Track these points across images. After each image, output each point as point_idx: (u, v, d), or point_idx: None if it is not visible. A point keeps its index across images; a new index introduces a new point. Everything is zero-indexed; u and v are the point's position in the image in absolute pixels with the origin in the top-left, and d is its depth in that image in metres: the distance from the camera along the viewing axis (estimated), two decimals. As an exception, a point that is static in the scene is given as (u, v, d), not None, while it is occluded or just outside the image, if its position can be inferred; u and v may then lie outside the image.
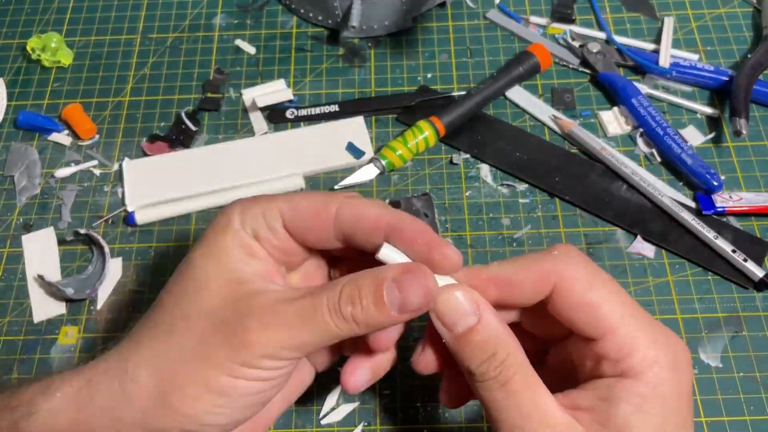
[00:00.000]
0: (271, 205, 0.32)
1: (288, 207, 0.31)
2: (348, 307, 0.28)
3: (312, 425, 0.43)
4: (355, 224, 0.31)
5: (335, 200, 0.31)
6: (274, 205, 0.31)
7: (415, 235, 0.30)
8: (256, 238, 0.31)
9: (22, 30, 0.62)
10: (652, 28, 0.59)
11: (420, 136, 0.52)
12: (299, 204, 0.32)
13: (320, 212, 0.31)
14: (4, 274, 0.50)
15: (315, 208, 0.31)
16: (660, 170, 0.51)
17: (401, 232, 0.30)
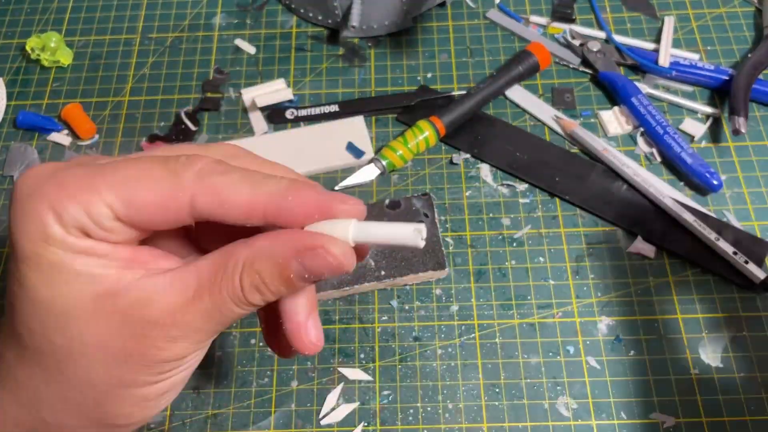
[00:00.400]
0: (92, 198, 0.24)
1: (120, 200, 0.24)
2: (255, 296, 0.25)
3: (312, 425, 0.43)
4: (219, 214, 0.25)
5: (186, 183, 0.25)
6: (96, 198, 0.24)
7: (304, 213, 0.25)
8: (87, 235, 0.25)
9: (22, 30, 0.62)
10: (652, 27, 0.59)
11: (420, 136, 0.52)
12: (136, 194, 0.24)
13: (167, 205, 0.25)
14: (3, 274, 0.50)
15: (158, 201, 0.25)
16: (660, 170, 0.51)
17: (286, 215, 0.25)
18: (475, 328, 0.46)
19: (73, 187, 0.24)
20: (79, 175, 0.25)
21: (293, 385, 0.45)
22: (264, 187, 0.25)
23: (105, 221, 0.24)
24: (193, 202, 0.25)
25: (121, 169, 0.25)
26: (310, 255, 0.25)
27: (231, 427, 0.43)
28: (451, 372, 0.45)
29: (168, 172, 0.25)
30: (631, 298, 0.47)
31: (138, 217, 0.25)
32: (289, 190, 0.25)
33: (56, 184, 0.24)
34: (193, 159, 0.25)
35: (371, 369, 0.45)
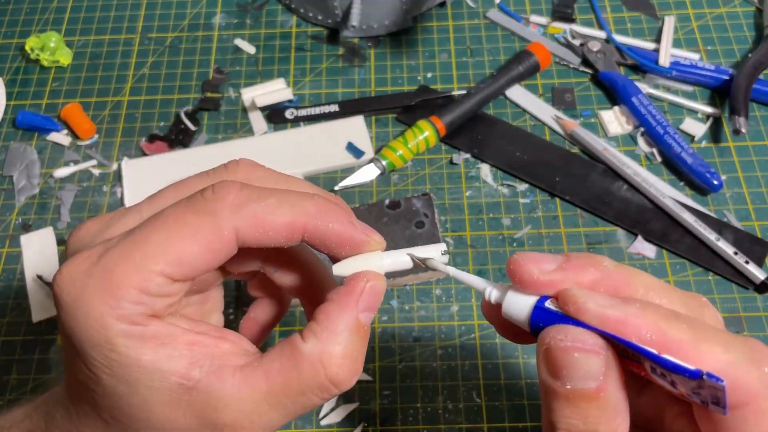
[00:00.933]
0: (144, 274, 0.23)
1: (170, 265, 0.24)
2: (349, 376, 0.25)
3: (312, 425, 0.43)
4: (264, 240, 0.25)
5: (227, 219, 0.24)
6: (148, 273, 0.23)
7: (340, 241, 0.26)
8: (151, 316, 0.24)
9: (21, 29, 0.62)
10: (652, 27, 0.59)
11: (420, 136, 0.51)
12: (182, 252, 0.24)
13: (216, 248, 0.24)
14: (3, 274, 0.50)
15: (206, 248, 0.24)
16: (660, 170, 0.51)
17: (322, 239, 0.26)
18: (475, 328, 0.46)
19: (120, 273, 0.23)
20: (121, 259, 0.24)
21: (293, 385, 0.45)
22: (302, 208, 0.25)
23: (163, 289, 0.24)
24: (238, 236, 0.25)
25: (156, 232, 0.24)
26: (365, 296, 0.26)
27: (231, 428, 0.43)
28: (451, 372, 0.45)
29: (203, 215, 0.24)
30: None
31: (191, 270, 0.24)
32: (328, 214, 0.26)
33: (101, 277, 0.24)
34: (222, 191, 0.24)
35: (371, 369, 0.45)
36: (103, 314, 0.23)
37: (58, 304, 0.24)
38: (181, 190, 0.27)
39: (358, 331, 0.25)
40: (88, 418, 0.26)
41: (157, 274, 0.24)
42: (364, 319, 0.26)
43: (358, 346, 0.25)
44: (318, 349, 0.25)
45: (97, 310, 0.23)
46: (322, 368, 0.25)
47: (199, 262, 0.24)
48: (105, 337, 0.23)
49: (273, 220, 0.25)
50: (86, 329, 0.23)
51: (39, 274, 0.48)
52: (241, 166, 0.28)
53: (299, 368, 0.25)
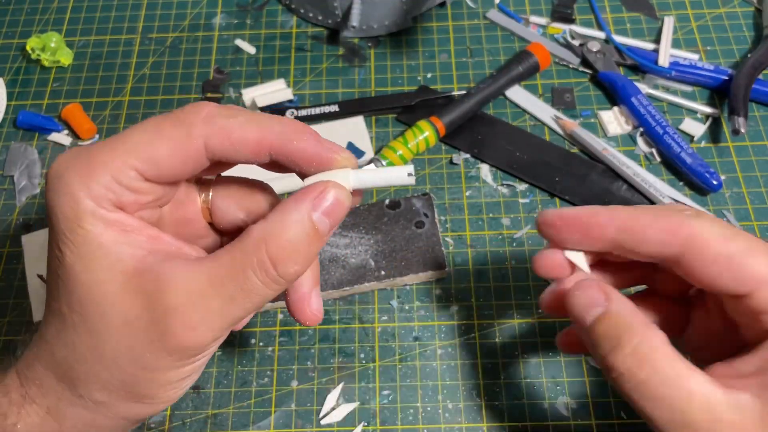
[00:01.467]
0: (118, 164, 0.26)
1: (142, 161, 0.26)
2: (291, 267, 0.26)
3: (312, 425, 0.43)
4: (231, 153, 0.27)
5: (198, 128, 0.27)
6: (122, 164, 0.26)
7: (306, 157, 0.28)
8: (119, 207, 0.27)
9: (22, 30, 0.62)
10: (652, 27, 0.59)
11: (420, 136, 0.52)
12: (155, 152, 0.26)
13: (185, 152, 0.27)
14: (4, 274, 0.50)
15: (176, 152, 0.27)
16: (660, 170, 0.51)
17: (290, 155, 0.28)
18: (475, 328, 0.46)
19: (99, 159, 0.26)
20: (102, 148, 0.27)
21: (293, 384, 0.45)
22: (271, 127, 0.27)
23: (133, 182, 0.27)
24: (207, 145, 0.27)
25: (137, 134, 0.27)
26: (324, 199, 0.27)
27: (231, 427, 0.43)
28: (451, 372, 0.45)
29: (178, 123, 0.27)
30: (631, 297, 0.47)
31: (161, 171, 0.27)
32: (295, 133, 0.27)
33: (83, 160, 0.27)
34: (198, 106, 0.27)
35: (371, 369, 0.45)
36: (77, 190, 0.26)
37: (46, 183, 0.27)
38: None
39: (308, 227, 0.26)
40: (52, 313, 0.28)
41: (130, 167, 0.26)
42: (318, 221, 0.27)
43: (304, 241, 0.26)
44: (264, 229, 0.26)
45: (72, 186, 0.26)
46: (263, 245, 0.26)
47: (170, 164, 0.27)
48: (75, 212, 0.26)
49: (241, 134, 0.27)
50: (62, 203, 0.26)
51: (40, 274, 0.48)
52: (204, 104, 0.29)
53: (243, 244, 0.26)
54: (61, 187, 0.26)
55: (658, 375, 0.26)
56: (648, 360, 0.27)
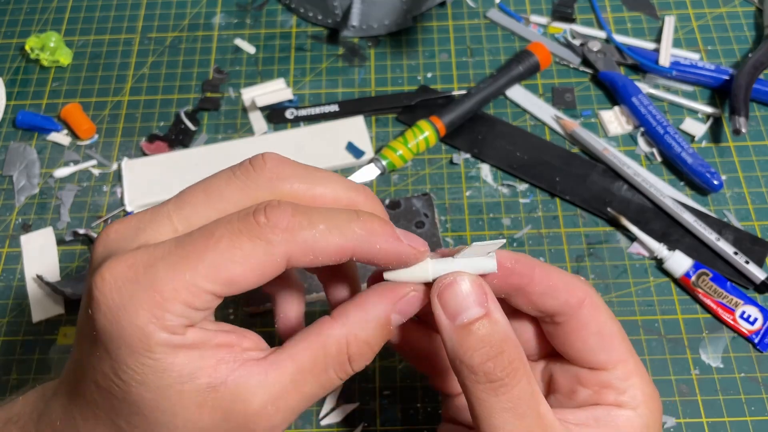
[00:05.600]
0: (194, 290, 0.24)
1: (220, 285, 0.24)
2: (363, 363, 0.28)
3: (312, 426, 0.43)
4: (313, 264, 0.26)
5: (279, 249, 0.25)
6: (198, 290, 0.24)
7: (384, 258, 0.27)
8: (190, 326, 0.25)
9: (21, 29, 0.62)
10: (652, 27, 0.59)
11: (420, 136, 0.51)
12: (234, 274, 0.24)
13: (265, 270, 0.25)
14: (3, 274, 0.50)
15: (256, 271, 0.25)
16: (660, 170, 0.51)
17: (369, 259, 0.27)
18: (475, 329, 0.46)
19: (169, 287, 0.24)
20: (171, 271, 0.24)
21: (293, 385, 0.45)
22: (352, 233, 0.26)
23: (207, 304, 0.25)
24: (289, 261, 0.25)
25: (209, 254, 0.24)
26: (404, 302, 0.28)
27: (231, 428, 0.43)
28: (451, 372, 0.44)
29: (257, 241, 0.25)
30: (631, 298, 0.46)
31: (238, 289, 0.25)
32: (375, 236, 0.27)
33: (151, 291, 0.24)
34: (275, 218, 0.25)
35: (371, 369, 0.45)
36: (146, 323, 0.24)
37: (97, 308, 0.24)
38: (213, 196, 0.27)
39: (384, 326, 0.28)
40: (98, 422, 0.26)
41: (206, 292, 0.24)
42: (394, 320, 0.28)
43: (379, 339, 0.28)
44: (347, 330, 0.27)
45: (140, 320, 0.24)
46: (346, 347, 0.27)
47: (248, 284, 0.25)
48: (145, 345, 0.24)
49: (324, 247, 0.26)
50: (126, 336, 0.24)
51: (39, 274, 0.48)
52: (267, 163, 0.28)
53: (326, 346, 0.26)
54: (125, 320, 0.24)
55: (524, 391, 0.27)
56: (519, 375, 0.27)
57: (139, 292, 0.24)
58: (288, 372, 0.26)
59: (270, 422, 0.26)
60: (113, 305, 0.24)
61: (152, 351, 0.24)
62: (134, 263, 0.24)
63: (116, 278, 0.24)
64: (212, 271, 0.24)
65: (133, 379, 0.24)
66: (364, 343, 0.27)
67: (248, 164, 0.28)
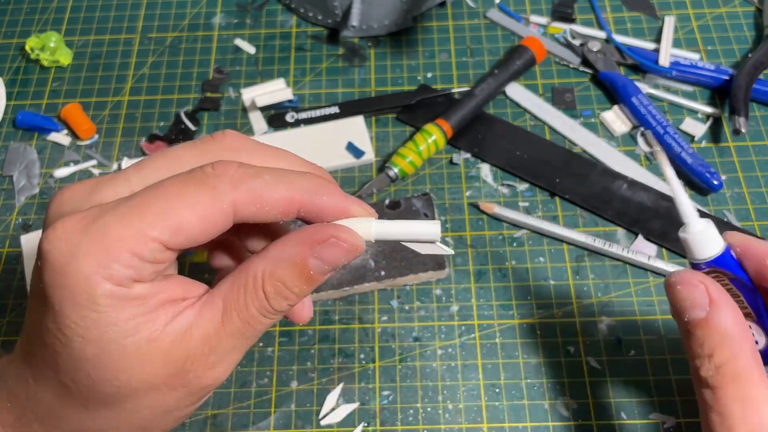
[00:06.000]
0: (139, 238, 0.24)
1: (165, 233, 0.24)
2: (281, 302, 0.27)
3: (312, 426, 0.43)
4: (260, 215, 0.26)
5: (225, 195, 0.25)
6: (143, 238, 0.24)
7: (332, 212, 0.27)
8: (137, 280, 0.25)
9: (21, 29, 0.62)
10: (652, 27, 0.59)
11: (429, 140, 0.51)
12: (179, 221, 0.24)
13: (211, 218, 0.25)
14: (3, 274, 0.50)
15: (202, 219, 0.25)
16: (660, 170, 0.51)
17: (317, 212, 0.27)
18: (475, 329, 0.46)
19: (115, 235, 0.24)
20: (118, 221, 0.24)
21: (293, 385, 0.45)
22: (298, 185, 0.26)
23: (155, 254, 0.25)
24: (236, 210, 0.25)
25: (157, 200, 0.25)
26: (324, 247, 0.26)
27: (231, 428, 0.43)
28: (451, 372, 0.45)
29: (204, 188, 0.25)
30: (631, 298, 0.46)
31: (185, 239, 0.25)
32: (321, 188, 0.27)
33: (98, 240, 0.24)
34: (221, 168, 0.25)
35: (371, 369, 0.45)
36: (92, 273, 0.24)
37: (45, 260, 0.24)
38: (172, 160, 0.27)
39: (301, 269, 0.26)
40: (47, 381, 0.27)
41: (153, 240, 0.24)
42: (313, 265, 0.26)
43: (296, 280, 0.26)
44: (263, 265, 0.26)
45: (86, 268, 0.24)
46: (261, 282, 0.26)
47: (195, 232, 0.25)
48: (89, 296, 0.24)
49: (270, 196, 0.26)
50: (71, 287, 0.24)
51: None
52: (228, 136, 0.28)
53: (246, 281, 0.26)
54: (71, 270, 0.24)
55: (737, 396, 0.27)
56: (732, 379, 0.28)
57: (86, 241, 0.24)
58: (218, 309, 0.26)
59: (206, 361, 0.26)
60: (60, 256, 0.24)
61: (96, 303, 0.24)
62: (84, 216, 0.25)
63: (66, 230, 0.24)
64: (159, 218, 0.24)
65: (75, 333, 0.24)
66: (278, 280, 0.26)
67: (209, 136, 0.28)
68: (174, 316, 0.26)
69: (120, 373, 0.25)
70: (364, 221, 0.28)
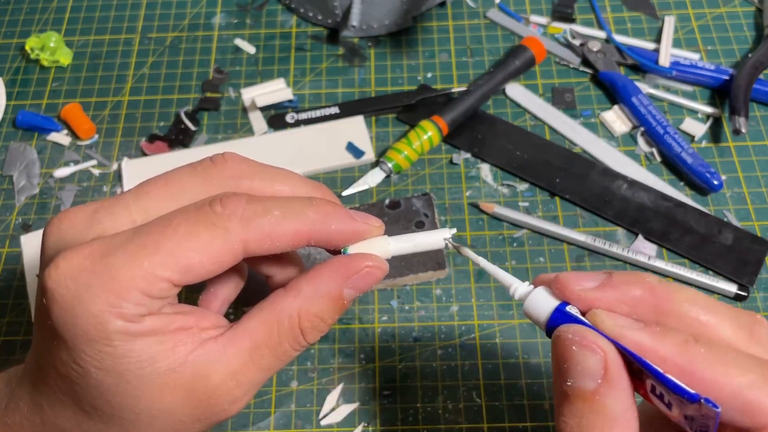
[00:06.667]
0: (149, 279, 0.24)
1: (175, 273, 0.24)
2: (316, 335, 0.28)
3: (312, 425, 0.43)
4: (270, 250, 0.26)
5: (235, 235, 0.25)
6: (153, 278, 0.24)
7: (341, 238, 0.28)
8: (148, 315, 0.25)
9: (21, 29, 0.62)
10: (652, 27, 0.59)
11: (424, 136, 0.51)
12: (191, 262, 0.25)
13: (221, 258, 0.25)
14: (3, 274, 0.50)
15: (212, 258, 0.25)
16: (660, 170, 0.51)
17: (328, 240, 0.28)
18: (475, 329, 0.46)
19: (125, 275, 0.24)
20: (128, 260, 0.24)
21: (293, 385, 0.45)
22: (306, 217, 0.27)
23: (164, 293, 0.25)
24: (246, 248, 0.26)
25: (168, 241, 0.24)
26: (358, 277, 0.27)
27: (231, 428, 0.43)
28: (451, 372, 0.44)
29: (215, 229, 0.25)
30: None
31: (195, 278, 0.25)
32: (329, 217, 0.27)
33: (108, 281, 0.24)
34: (231, 206, 0.25)
35: (371, 369, 0.45)
36: (103, 312, 0.24)
37: (52, 299, 0.24)
38: (174, 189, 0.27)
39: (337, 301, 0.27)
40: (64, 408, 0.27)
41: (163, 280, 0.24)
42: (347, 295, 0.27)
43: (332, 312, 0.28)
44: (299, 303, 0.27)
45: (96, 309, 0.24)
46: (298, 320, 0.27)
47: (205, 272, 0.25)
48: (102, 333, 0.24)
49: (280, 232, 0.26)
50: (83, 326, 0.24)
51: (39, 275, 0.48)
52: (229, 161, 0.28)
53: (279, 320, 0.27)
54: (81, 310, 0.24)
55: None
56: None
57: (94, 281, 0.24)
58: (245, 347, 0.26)
59: (231, 396, 0.27)
60: (68, 296, 0.24)
61: (109, 339, 0.24)
62: (90, 253, 0.24)
63: (71, 268, 0.24)
64: (169, 259, 0.24)
65: (91, 365, 0.24)
66: (316, 316, 0.27)
67: (209, 161, 0.28)
68: (193, 348, 0.26)
69: (140, 401, 0.25)
70: (379, 241, 0.29)
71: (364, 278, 0.28)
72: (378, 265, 0.28)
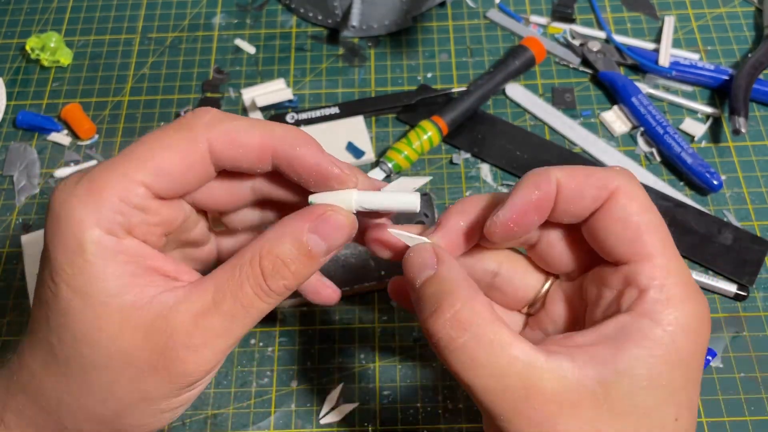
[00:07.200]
0: (125, 183, 0.25)
1: (149, 175, 0.26)
2: (279, 281, 0.27)
3: (312, 425, 0.43)
4: (236, 158, 0.27)
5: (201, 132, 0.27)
6: (129, 182, 0.25)
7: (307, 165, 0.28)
8: (127, 231, 0.26)
9: (22, 30, 0.62)
10: (652, 27, 0.59)
11: (424, 136, 0.51)
12: (161, 162, 0.26)
13: (190, 157, 0.26)
14: (4, 274, 0.50)
15: (182, 158, 0.26)
16: (660, 169, 0.51)
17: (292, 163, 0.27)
18: (475, 328, 0.46)
19: (103, 181, 0.25)
20: (106, 169, 0.26)
21: (293, 385, 0.45)
22: (273, 130, 0.27)
23: (142, 201, 0.26)
24: (212, 149, 0.27)
25: (139, 148, 0.26)
26: (320, 220, 0.27)
27: (231, 427, 0.43)
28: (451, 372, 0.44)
29: (181, 129, 0.27)
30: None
31: (170, 183, 0.26)
32: (296, 139, 0.27)
33: (86, 184, 0.25)
34: (200, 111, 0.27)
35: (371, 369, 0.45)
36: (83, 217, 0.25)
37: (47, 213, 0.26)
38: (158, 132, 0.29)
39: (299, 245, 0.27)
40: (37, 346, 0.27)
41: (137, 183, 0.26)
42: (311, 242, 0.27)
43: (295, 257, 0.27)
44: (261, 243, 0.27)
45: (78, 213, 0.25)
46: (258, 259, 0.26)
47: (177, 174, 0.26)
48: (79, 241, 0.25)
49: (245, 137, 0.27)
50: (63, 233, 0.25)
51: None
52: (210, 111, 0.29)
53: (240, 259, 0.26)
54: (64, 215, 0.25)
55: (477, 340, 0.25)
56: (469, 325, 0.25)
57: (78, 189, 0.25)
58: (209, 290, 0.26)
59: (190, 340, 0.26)
60: (57, 204, 0.25)
61: (84, 249, 0.25)
62: (79, 175, 0.26)
63: (66, 183, 0.26)
64: (141, 161, 0.26)
65: (64, 281, 0.25)
66: (277, 257, 0.26)
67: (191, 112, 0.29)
68: (162, 291, 0.26)
69: (100, 333, 0.25)
70: (344, 193, 0.28)
71: (326, 222, 0.27)
72: (339, 212, 0.27)
